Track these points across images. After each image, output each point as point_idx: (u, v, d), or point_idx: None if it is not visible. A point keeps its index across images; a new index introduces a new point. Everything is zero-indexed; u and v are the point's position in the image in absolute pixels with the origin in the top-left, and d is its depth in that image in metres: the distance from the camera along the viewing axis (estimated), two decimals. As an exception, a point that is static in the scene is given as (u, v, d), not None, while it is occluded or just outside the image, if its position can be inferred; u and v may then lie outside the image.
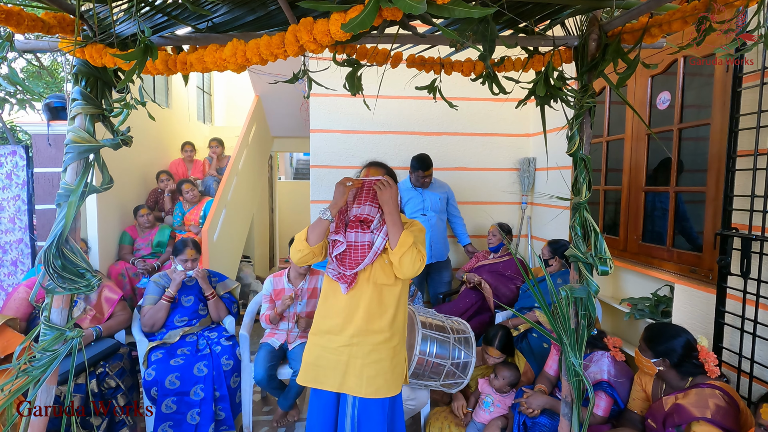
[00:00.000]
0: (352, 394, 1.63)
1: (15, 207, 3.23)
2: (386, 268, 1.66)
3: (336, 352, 1.66)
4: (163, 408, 2.29)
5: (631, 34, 1.52)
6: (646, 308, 2.31)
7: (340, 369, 1.64)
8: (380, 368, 1.64)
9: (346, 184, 1.60)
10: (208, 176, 4.78)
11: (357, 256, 1.63)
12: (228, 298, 2.86)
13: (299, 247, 1.62)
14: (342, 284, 1.64)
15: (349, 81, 1.68)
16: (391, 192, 1.61)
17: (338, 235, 1.64)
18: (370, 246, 1.64)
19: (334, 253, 1.65)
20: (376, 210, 1.65)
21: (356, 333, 1.63)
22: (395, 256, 1.59)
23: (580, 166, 1.59)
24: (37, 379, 1.45)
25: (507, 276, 3.08)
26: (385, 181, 1.62)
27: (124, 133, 1.61)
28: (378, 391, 1.63)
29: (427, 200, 3.30)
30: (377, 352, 1.64)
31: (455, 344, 2.21)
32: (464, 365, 2.21)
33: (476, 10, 1.01)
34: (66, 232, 1.44)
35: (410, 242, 1.59)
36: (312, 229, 1.62)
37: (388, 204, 1.61)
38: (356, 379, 1.63)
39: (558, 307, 1.62)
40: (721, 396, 1.56)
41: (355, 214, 1.66)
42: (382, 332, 1.65)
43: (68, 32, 1.39)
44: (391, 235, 1.62)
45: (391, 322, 1.67)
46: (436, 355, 2.16)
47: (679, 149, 2.26)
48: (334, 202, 1.60)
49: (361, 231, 1.64)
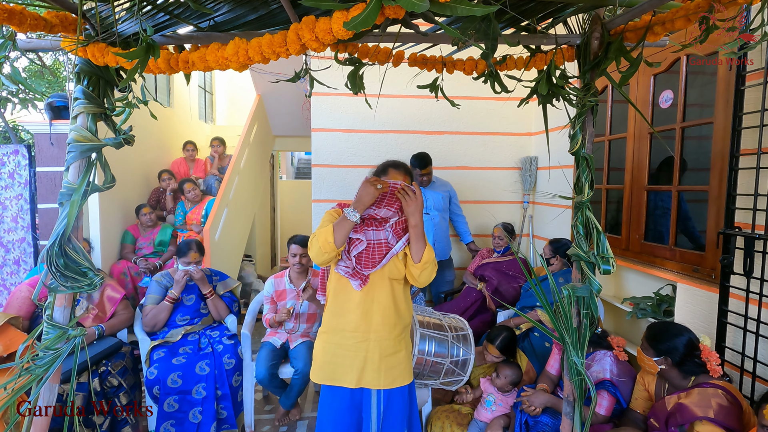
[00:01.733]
0: (372, 387, 1.65)
1: (18, 206, 3.23)
2: (398, 264, 1.66)
3: (353, 348, 1.65)
4: (165, 406, 2.30)
5: (633, 33, 1.52)
6: (648, 307, 2.30)
7: (358, 365, 1.64)
8: (397, 359, 1.68)
9: (376, 186, 1.55)
10: (209, 175, 4.78)
11: (375, 254, 1.63)
12: (229, 297, 2.86)
13: (326, 249, 1.54)
14: (355, 281, 1.63)
15: (351, 80, 1.68)
16: (417, 203, 1.58)
17: (358, 233, 1.62)
18: (386, 243, 1.63)
19: (354, 253, 1.62)
20: (392, 213, 1.63)
21: (374, 329, 1.64)
22: (417, 270, 1.62)
23: (583, 165, 1.59)
24: (40, 378, 1.45)
25: (510, 275, 3.08)
26: (413, 191, 1.59)
27: (126, 132, 1.61)
28: (395, 381, 1.67)
29: (429, 199, 3.29)
30: (394, 345, 1.67)
31: (453, 342, 2.21)
32: (463, 362, 2.21)
33: (479, 8, 1.01)
34: (68, 231, 1.44)
35: (432, 257, 1.62)
36: (338, 230, 1.54)
37: (414, 216, 1.59)
38: (375, 374, 1.64)
39: (560, 306, 1.62)
40: (724, 395, 1.55)
41: (370, 214, 1.63)
42: (396, 326, 1.68)
43: (70, 31, 1.39)
44: (415, 249, 1.61)
45: (404, 314, 1.71)
46: (435, 353, 2.17)
47: (681, 148, 2.26)
48: (362, 203, 1.55)
49: (376, 228, 1.63)
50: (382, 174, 1.69)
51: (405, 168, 1.72)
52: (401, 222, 1.65)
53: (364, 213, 1.62)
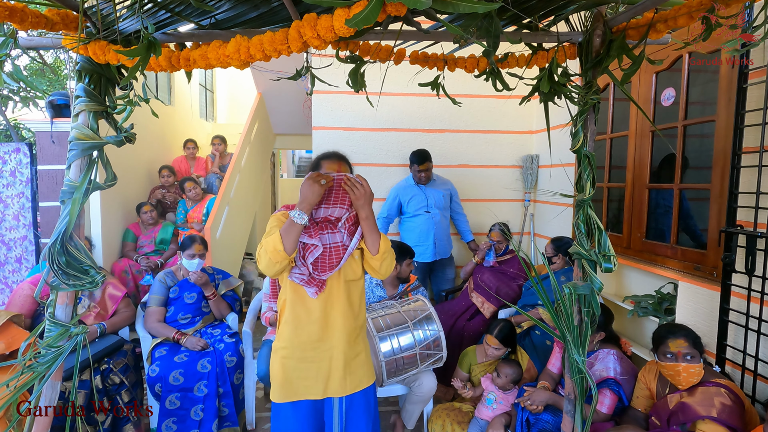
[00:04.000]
0: (337, 395, 1.58)
1: (19, 204, 3.24)
2: (354, 264, 1.59)
3: (317, 359, 1.56)
4: (167, 404, 2.30)
5: (636, 30, 1.51)
6: (649, 306, 2.30)
7: (323, 375, 1.56)
8: (359, 361, 1.62)
9: (320, 181, 1.44)
10: (210, 174, 4.79)
11: (332, 258, 1.52)
12: (231, 296, 2.87)
13: (276, 258, 1.41)
14: (310, 288, 1.52)
15: (352, 78, 1.68)
16: (365, 193, 1.48)
17: (313, 238, 1.50)
18: (342, 245, 1.53)
19: (310, 259, 1.49)
20: (344, 211, 1.53)
21: (336, 336, 1.56)
22: (377, 261, 1.54)
23: (584, 163, 1.58)
24: (42, 375, 1.45)
25: (509, 275, 3.07)
26: (358, 181, 1.49)
27: (128, 130, 1.61)
28: (360, 383, 1.61)
29: (430, 197, 3.29)
30: (355, 348, 1.61)
31: (416, 328, 2.23)
32: (434, 342, 2.23)
33: (480, 6, 1.00)
34: (70, 229, 1.44)
35: (389, 246, 1.56)
36: (287, 235, 1.41)
37: (364, 208, 1.49)
38: (341, 381, 1.57)
39: (561, 304, 1.62)
40: (727, 394, 1.55)
41: (324, 215, 1.53)
42: (356, 328, 1.61)
43: (72, 29, 1.39)
44: (371, 241, 1.52)
45: (360, 315, 1.64)
46: (403, 348, 2.19)
47: (683, 146, 2.25)
48: (307, 202, 1.42)
49: (331, 231, 1.53)
50: (316, 169, 1.58)
51: (338, 156, 1.64)
52: (351, 218, 1.55)
53: (318, 216, 1.53)
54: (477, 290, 3.07)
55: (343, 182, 1.49)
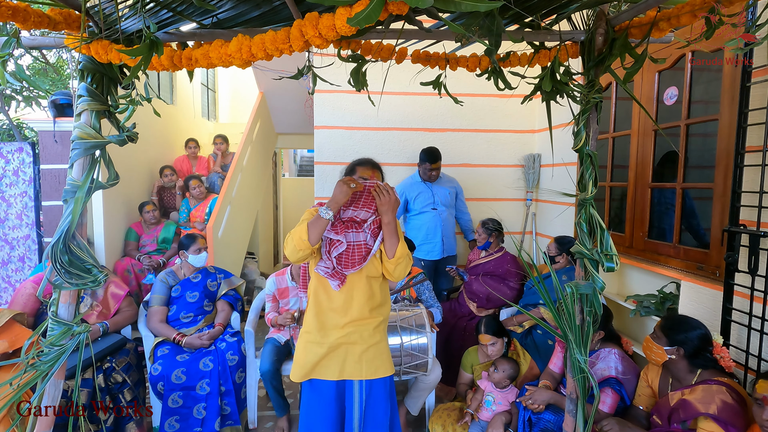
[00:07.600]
0: (354, 378, 1.67)
1: (22, 203, 3.25)
2: (376, 263, 1.71)
3: (335, 343, 1.68)
4: (170, 402, 2.31)
5: (638, 29, 1.51)
6: (651, 305, 2.30)
7: (339, 358, 1.68)
8: (377, 350, 1.71)
9: (350, 185, 1.59)
10: (212, 173, 4.80)
11: (355, 255, 1.66)
12: (233, 295, 2.87)
13: (300, 246, 1.59)
14: (333, 281, 1.66)
15: (354, 77, 1.67)
16: (390, 200, 1.62)
17: (339, 235, 1.65)
18: (365, 245, 1.67)
19: (335, 254, 1.65)
20: (370, 215, 1.67)
21: (352, 322, 1.68)
22: (392, 265, 1.66)
23: (586, 162, 1.58)
24: (45, 374, 1.46)
25: (499, 275, 3.04)
26: (386, 189, 1.63)
27: (130, 129, 1.61)
28: (377, 371, 1.69)
29: (437, 194, 3.29)
30: (372, 336, 1.70)
31: (404, 333, 2.28)
32: (420, 347, 2.28)
33: (483, 4, 1.00)
34: (73, 228, 1.45)
35: (406, 252, 1.66)
36: (312, 228, 1.58)
37: (387, 214, 1.62)
38: (356, 365, 1.67)
39: (563, 303, 1.62)
40: (728, 392, 1.55)
41: (350, 216, 1.67)
42: (374, 318, 1.71)
43: (74, 29, 1.39)
44: (389, 245, 1.65)
45: (382, 308, 1.75)
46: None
47: (686, 145, 2.24)
48: (336, 202, 1.58)
49: (355, 231, 1.67)
50: (351, 173, 1.75)
51: (372, 164, 1.78)
52: (377, 221, 1.69)
53: (345, 215, 1.67)
54: (470, 298, 3.07)
55: (372, 188, 1.64)
